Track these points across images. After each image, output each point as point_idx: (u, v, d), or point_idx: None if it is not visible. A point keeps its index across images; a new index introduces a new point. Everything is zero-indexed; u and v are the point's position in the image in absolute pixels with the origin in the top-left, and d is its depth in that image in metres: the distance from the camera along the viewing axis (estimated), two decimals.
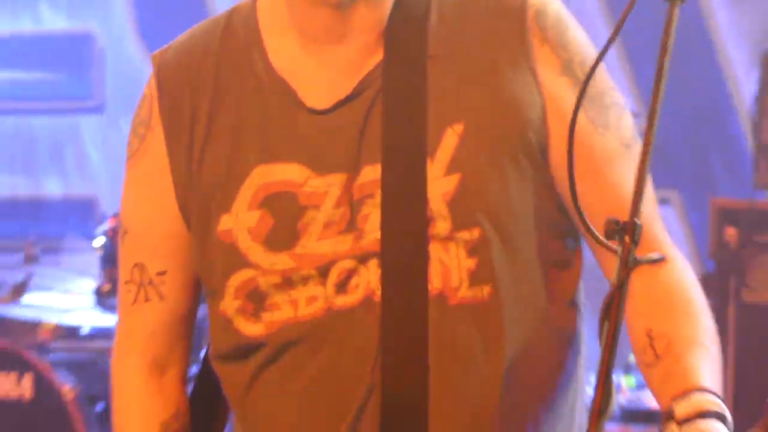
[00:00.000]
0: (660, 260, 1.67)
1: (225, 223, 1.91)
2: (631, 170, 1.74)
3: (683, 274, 1.78)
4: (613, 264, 1.51)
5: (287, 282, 1.90)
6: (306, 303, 1.90)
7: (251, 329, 1.91)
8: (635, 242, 1.46)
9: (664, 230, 1.77)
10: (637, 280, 1.52)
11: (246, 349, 1.91)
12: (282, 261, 1.90)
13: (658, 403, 1.71)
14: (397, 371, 1.92)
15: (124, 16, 6.11)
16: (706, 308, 1.80)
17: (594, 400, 1.48)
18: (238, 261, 1.91)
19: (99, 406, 4.51)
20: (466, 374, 1.88)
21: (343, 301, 1.87)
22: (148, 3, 6.12)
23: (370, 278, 1.88)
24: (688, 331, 1.74)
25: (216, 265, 1.92)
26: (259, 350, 1.90)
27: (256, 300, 1.90)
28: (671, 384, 1.65)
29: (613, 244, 1.46)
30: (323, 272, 1.86)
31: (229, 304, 1.90)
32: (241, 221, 1.94)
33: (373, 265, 1.88)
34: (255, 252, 1.92)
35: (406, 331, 1.93)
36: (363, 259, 1.87)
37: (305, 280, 1.89)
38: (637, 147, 1.79)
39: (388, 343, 1.90)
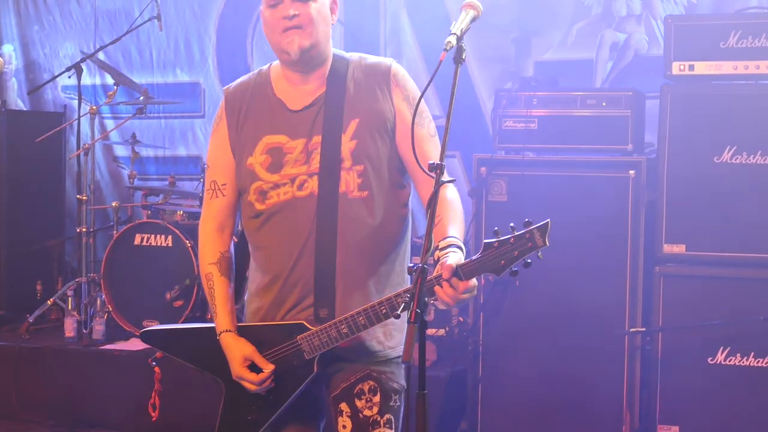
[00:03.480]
0: (451, 181, 2.21)
1: (249, 160, 2.45)
2: (434, 145, 2.44)
3: (453, 189, 2.45)
4: (427, 185, 2.09)
5: (276, 186, 2.43)
6: (283, 194, 2.42)
7: (259, 206, 2.48)
8: (442, 172, 2.03)
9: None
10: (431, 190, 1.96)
11: (257, 215, 2.47)
12: (274, 177, 2.42)
13: (436, 244, 2.28)
14: (323, 225, 2.38)
15: (214, 74, 7.43)
16: (460, 204, 2.41)
17: (423, 244, 1.99)
18: (255, 177, 2.43)
19: None
20: (354, 229, 2.42)
21: (300, 193, 2.37)
22: (225, 68, 7.37)
23: (313, 184, 2.38)
24: (450, 214, 2.39)
25: (246, 180, 2.47)
26: (263, 215, 2.45)
27: (262, 194, 2.45)
28: (440, 235, 2.31)
29: (432, 174, 2.06)
30: (292, 181, 2.42)
31: (251, 196, 2.47)
32: (257, 159, 2.42)
33: (315, 178, 2.39)
34: (262, 173, 2.43)
35: (328, 208, 2.36)
36: (311, 176, 2.39)
37: (284, 185, 2.41)
38: (437, 137, 2.38)
39: (320, 213, 2.36)
